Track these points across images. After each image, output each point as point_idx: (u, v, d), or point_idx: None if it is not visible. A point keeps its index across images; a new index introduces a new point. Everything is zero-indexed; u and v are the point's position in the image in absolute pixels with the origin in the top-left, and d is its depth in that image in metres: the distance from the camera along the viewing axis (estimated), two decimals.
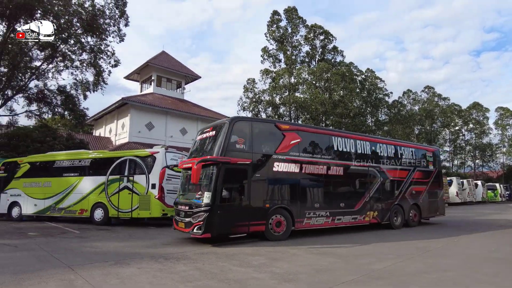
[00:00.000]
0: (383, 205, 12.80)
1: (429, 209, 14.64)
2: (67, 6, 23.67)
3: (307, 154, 11.17)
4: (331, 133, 12.72)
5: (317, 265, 6.53)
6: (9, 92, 24.97)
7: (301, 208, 10.61)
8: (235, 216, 9.43)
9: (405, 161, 14.07)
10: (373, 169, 12.76)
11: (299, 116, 38.49)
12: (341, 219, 11.53)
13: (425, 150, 15.53)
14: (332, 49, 42.34)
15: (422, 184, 14.37)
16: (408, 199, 13.62)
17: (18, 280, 5.20)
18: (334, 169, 11.63)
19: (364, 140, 13.13)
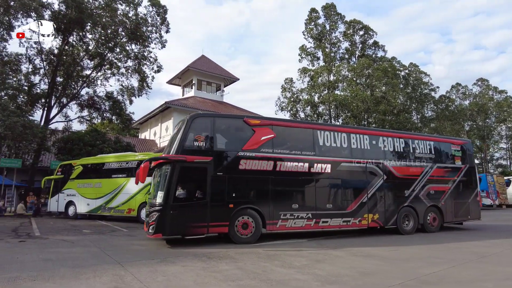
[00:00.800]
0: (388, 207, 11.36)
1: (456, 212, 12.59)
2: (113, 17, 25.10)
3: (284, 150, 10.37)
4: (315, 126, 11.60)
5: (361, 268, 6.31)
6: (64, 100, 27.00)
7: (274, 208, 9.80)
8: (191, 217, 9.02)
9: (420, 156, 12.38)
10: (373, 166, 11.37)
11: (339, 115, 37.60)
12: (327, 221, 10.43)
13: (449, 143, 13.37)
14: (372, 44, 40.90)
15: (444, 183, 12.53)
16: (423, 200, 11.97)
17: (76, 274, 5.59)
18: (319, 166, 10.58)
19: (361, 134, 11.75)
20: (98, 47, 26.60)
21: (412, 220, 11.75)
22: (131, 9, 26.96)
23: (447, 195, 12.45)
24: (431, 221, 12.06)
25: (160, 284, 5.04)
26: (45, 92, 25.38)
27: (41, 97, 25.35)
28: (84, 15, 23.12)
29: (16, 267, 6.17)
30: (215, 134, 9.78)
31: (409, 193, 11.81)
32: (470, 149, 13.98)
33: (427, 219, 12.02)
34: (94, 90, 28.33)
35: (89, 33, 26.30)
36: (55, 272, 5.69)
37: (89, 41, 26.89)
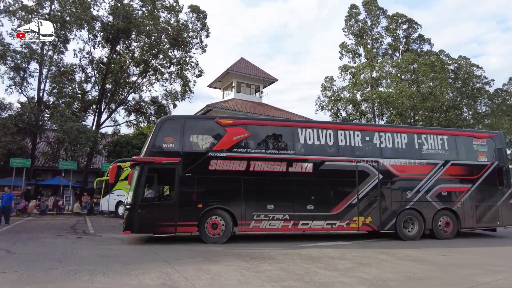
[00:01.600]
0: (384, 209, 10.41)
1: (479, 216, 10.96)
2: (156, 24, 26.26)
3: (259, 149, 10.16)
4: (295, 124, 11.13)
5: (409, 273, 6.02)
6: (113, 106, 28.71)
7: (247, 209, 9.64)
8: (159, 216, 9.25)
9: (428, 153, 11.07)
10: (365, 165, 10.51)
11: (383, 113, 36.21)
12: (308, 224, 9.91)
13: (470, 137, 11.66)
14: (417, 38, 38.91)
15: (462, 183, 11.04)
16: (432, 203, 10.71)
17: (127, 270, 5.91)
18: (299, 166, 10.11)
19: (350, 130, 10.90)
20: (143, 54, 27.96)
21: (417, 225, 10.58)
22: (173, 16, 28.04)
23: (465, 197, 10.94)
24: (443, 226, 10.70)
25: (205, 283, 5.17)
26: (96, 99, 27.17)
27: (93, 103, 27.18)
28: (130, 24, 24.44)
29: (75, 261, 6.66)
30: (185, 136, 9.95)
31: (413, 195, 10.67)
32: (500, 143, 11.95)
33: (438, 224, 10.70)
34: (140, 95, 29.87)
35: (134, 41, 27.77)
36: (109, 267, 6.06)
37: (135, 49, 28.38)
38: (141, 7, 27.13)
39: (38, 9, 23.95)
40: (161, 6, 27.53)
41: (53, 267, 6.09)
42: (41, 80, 24.38)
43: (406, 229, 10.56)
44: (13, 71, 23.51)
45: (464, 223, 10.84)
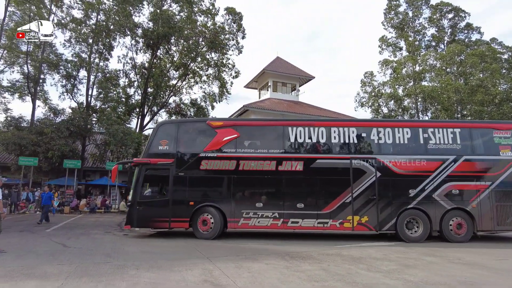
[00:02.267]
0: (382, 208, 9.88)
1: (501, 218, 9.70)
2: (194, 28, 26.98)
3: (248, 149, 10.41)
4: (286, 123, 11.01)
5: (460, 277, 5.65)
6: (155, 108, 29.90)
7: (236, 207, 9.98)
8: (155, 212, 10.05)
9: (436, 148, 10.18)
10: (360, 162, 10.11)
11: (427, 108, 34.42)
12: (298, 222, 9.86)
13: (489, 129, 10.39)
14: (465, 27, 36.51)
15: (478, 180, 9.93)
16: (440, 202, 9.82)
17: (171, 266, 6.13)
18: (289, 164, 10.14)
19: (345, 126, 10.60)
20: (182, 58, 28.84)
21: (421, 226, 9.83)
22: (209, 19, 28.66)
23: (482, 195, 9.82)
24: (454, 228, 9.74)
25: (246, 280, 5.22)
26: (139, 102, 28.45)
27: (136, 106, 28.49)
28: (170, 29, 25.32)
29: (122, 256, 7.03)
30: (179, 138, 10.59)
31: (417, 193, 9.92)
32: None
33: (449, 226, 9.77)
34: (180, 98, 30.88)
35: (173, 46, 28.72)
36: (153, 263, 6.32)
37: (174, 53, 29.34)
38: (179, 12, 28.03)
39: (85, 20, 25.62)
40: (198, 10, 28.25)
41: (103, 261, 6.47)
42: (89, 86, 26.06)
43: (410, 230, 9.91)
44: (65, 79, 25.34)
45: (481, 225, 9.71)
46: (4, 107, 26.63)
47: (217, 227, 9.92)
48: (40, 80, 25.95)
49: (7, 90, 26.06)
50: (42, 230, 11.54)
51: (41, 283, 4.93)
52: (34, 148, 21.24)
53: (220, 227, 9.93)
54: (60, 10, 26.40)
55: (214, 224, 9.97)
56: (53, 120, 24.82)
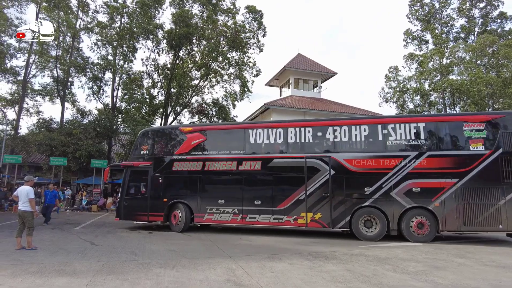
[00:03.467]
0: (336, 206, 9.85)
1: (469, 218, 9.00)
2: (215, 28, 27.15)
3: (213, 151, 11.38)
4: (246, 126, 11.89)
5: (495, 281, 5.36)
6: (178, 108, 30.37)
7: (202, 203, 11.08)
8: (137, 207, 11.67)
9: (396, 144, 9.79)
10: (314, 160, 10.20)
11: (456, 103, 33.07)
12: (255, 218, 10.50)
13: (460, 122, 9.56)
14: (498, 17, 34.70)
15: (443, 177, 9.26)
16: (399, 200, 9.44)
17: (194, 265, 6.18)
18: (248, 164, 10.83)
19: (301, 127, 10.79)
20: (204, 58, 29.11)
21: (380, 224, 9.56)
22: (230, 18, 28.74)
23: (447, 193, 9.19)
24: (415, 227, 9.32)
25: (269, 280, 5.18)
26: (162, 103, 28.97)
27: (160, 107, 29.03)
28: (191, 29, 25.61)
29: (147, 254, 7.16)
30: (156, 144, 12.30)
31: (373, 191, 9.66)
32: (509, 126, 9.31)
33: (410, 225, 9.36)
34: (202, 97, 31.20)
35: (195, 46, 29.03)
36: (177, 262, 6.40)
37: (196, 53, 29.66)
38: (201, 12, 28.29)
39: (111, 24, 26.34)
40: (219, 9, 28.39)
41: (128, 259, 6.62)
42: (114, 87, 26.83)
43: (369, 229, 9.71)
44: (91, 81, 26.18)
45: (444, 225, 9.16)
46: (36, 110, 27.92)
47: (183, 221, 11.16)
48: (68, 83, 26.96)
49: (38, 93, 27.31)
50: (71, 228, 11.98)
51: (71, 279, 5.09)
52: (64, 148, 22.08)
53: (187, 221, 11.17)
54: (86, 15, 27.31)
55: (182, 218, 11.21)
56: (80, 121, 25.73)
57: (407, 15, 35.61)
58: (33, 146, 23.32)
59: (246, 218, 10.60)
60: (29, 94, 27.31)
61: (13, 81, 26.56)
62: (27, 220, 7.60)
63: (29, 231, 7.61)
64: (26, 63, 26.28)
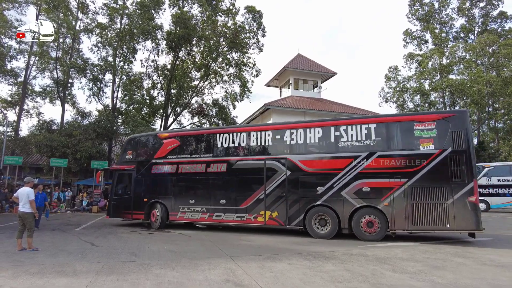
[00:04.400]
0: (291, 204, 10.29)
1: (419, 217, 8.94)
2: (214, 29, 27.19)
3: (185, 155, 12.28)
4: (214, 131, 12.84)
5: (493, 280, 5.38)
6: (178, 109, 30.41)
7: (175, 203, 12.01)
8: (123, 206, 13.01)
9: (347, 145, 9.97)
10: (273, 162, 10.73)
11: (455, 102, 33.09)
12: (221, 216, 11.24)
13: (411, 121, 9.55)
14: (498, 16, 34.80)
15: (393, 177, 9.29)
16: (349, 200, 9.63)
17: (194, 265, 6.21)
18: (215, 166, 11.56)
19: (262, 130, 11.31)
20: (203, 59, 29.15)
21: (331, 222, 9.82)
22: (230, 19, 28.79)
23: (396, 193, 9.20)
24: (364, 226, 9.43)
25: (268, 280, 5.21)
26: (162, 104, 29.02)
27: (160, 108, 29.08)
28: (191, 30, 25.65)
29: (147, 255, 7.19)
30: (139, 149, 13.51)
31: (325, 190, 9.95)
32: (460, 125, 9.12)
33: (360, 224, 9.49)
34: (202, 98, 31.26)
35: (195, 47, 29.07)
36: (177, 262, 6.43)
37: (195, 54, 29.70)
38: (200, 13, 28.33)
39: (111, 25, 26.39)
40: (219, 10, 28.44)
41: (129, 260, 6.65)
42: (114, 89, 26.87)
43: (323, 227, 9.97)
44: (91, 82, 26.22)
45: (394, 224, 9.19)
46: (37, 111, 27.97)
47: (159, 219, 12.16)
48: (68, 85, 27.02)
49: (39, 95, 27.36)
50: (72, 229, 12.02)
51: (71, 280, 5.12)
52: (64, 150, 22.14)
53: (164, 220, 12.12)
54: (86, 16, 27.37)
55: (159, 216, 12.20)
56: (81, 122, 25.78)
57: (407, 15, 35.73)
58: (34, 147, 23.37)
59: (212, 217, 11.36)
60: (29, 96, 27.38)
61: (13, 83, 26.64)
62: (27, 221, 7.64)
63: (29, 233, 7.65)
64: (26, 65, 26.37)
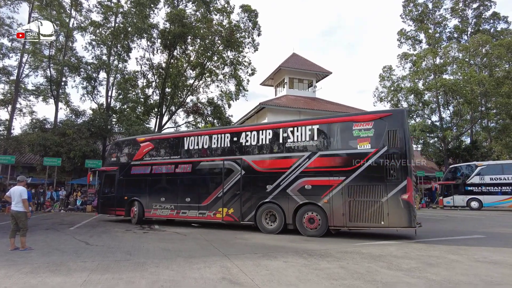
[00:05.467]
0: (244, 202, 11.01)
1: (355, 214, 9.22)
2: (209, 27, 27.12)
3: (158, 157, 13.47)
4: (181, 135, 13.40)
5: (486, 276, 5.44)
6: (173, 108, 30.29)
7: (150, 201, 13.10)
8: (109, 204, 14.48)
9: (293, 145, 10.54)
10: (230, 162, 11.45)
11: (449, 102, 33.35)
12: (186, 212, 12.15)
13: (350, 122, 9.83)
14: (490, 17, 35.16)
15: (332, 175, 9.63)
16: (293, 197, 10.14)
17: (189, 263, 6.19)
18: (182, 167, 12.47)
19: (221, 133, 12.09)
20: (198, 58, 29.06)
21: (278, 219, 10.45)
22: (225, 18, 28.74)
23: (335, 191, 9.53)
24: (306, 222, 9.90)
25: (263, 278, 5.21)
26: (157, 102, 28.89)
27: (154, 107, 28.95)
28: (186, 29, 25.54)
29: (142, 254, 7.15)
30: (122, 152, 14.82)
31: (273, 188, 10.53)
32: (395, 124, 9.28)
33: (302, 220, 9.97)
34: (197, 97, 31.19)
35: (190, 45, 28.96)
36: (172, 261, 6.40)
37: (190, 53, 29.58)
38: (195, 11, 28.22)
39: (105, 23, 26.18)
40: (214, 9, 28.37)
41: (123, 259, 6.61)
42: (108, 87, 26.68)
43: (273, 222, 10.60)
44: (85, 81, 26.01)
45: (332, 221, 9.55)
46: (30, 110, 27.68)
47: (136, 215, 13.38)
48: (62, 83, 26.76)
49: (32, 93, 27.07)
50: (66, 228, 11.92)
51: (65, 279, 5.07)
52: (57, 149, 21.94)
53: (140, 216, 13.30)
54: (79, 14, 27.13)
55: (136, 213, 13.36)
56: (74, 121, 25.57)
57: (401, 15, 35.94)
58: (27, 146, 23.13)
59: (179, 213, 12.30)
60: (22, 94, 27.07)
61: (5, 81, 26.31)
62: (20, 220, 7.56)
63: (22, 232, 7.56)
64: (19, 63, 26.09)
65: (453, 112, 34.57)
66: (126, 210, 13.72)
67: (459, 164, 27.85)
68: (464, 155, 31.93)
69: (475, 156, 31.16)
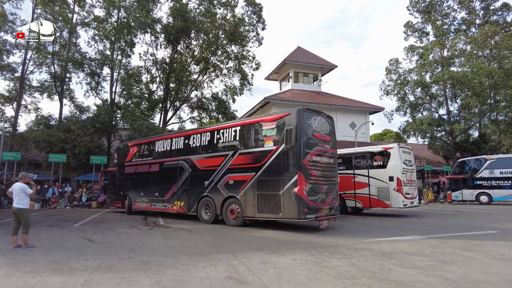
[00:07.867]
0: (190, 196, 12.67)
1: (261, 206, 10.15)
2: (213, 21, 26.78)
3: (139, 158, 15.87)
4: (154, 139, 15.61)
5: (506, 275, 5.18)
6: (177, 103, 30.09)
7: (135, 195, 15.60)
8: (111, 198, 17.59)
9: (223, 146, 11.78)
10: (182, 162, 13.21)
11: (457, 95, 32.77)
12: (155, 205, 14.27)
13: (260, 123, 10.78)
14: (500, 8, 34.38)
15: (246, 171, 10.72)
16: (221, 191, 11.47)
17: (195, 261, 5.99)
18: (153, 167, 14.69)
19: (178, 137, 13.92)
20: (202, 52, 28.76)
21: (211, 210, 11.94)
22: (229, 12, 28.37)
23: (248, 185, 10.60)
24: (229, 213, 11.24)
25: (272, 277, 4.99)
26: (161, 98, 28.70)
27: (159, 102, 28.76)
28: (189, 23, 25.24)
29: (146, 251, 6.97)
30: (120, 155, 17.59)
31: (208, 184, 11.97)
32: (291, 123, 9.90)
33: (227, 211, 11.32)
34: (201, 92, 30.94)
35: (194, 40, 28.67)
36: (177, 259, 6.21)
37: (194, 47, 29.30)
38: (198, 5, 27.89)
39: (107, 18, 25.96)
40: (217, 3, 28.01)
41: (127, 256, 6.43)
42: (112, 83, 26.51)
43: (204, 213, 12.23)
44: (89, 77, 25.87)
45: (246, 212, 10.66)
46: (35, 107, 27.67)
47: (127, 207, 16.10)
48: (66, 79, 26.66)
49: (36, 90, 27.02)
50: (70, 225, 11.82)
51: (66, 279, 4.90)
52: (62, 145, 21.89)
53: (130, 208, 15.90)
54: (82, 9, 26.94)
55: (127, 205, 16.12)
56: (79, 117, 25.49)
57: (408, 7, 35.28)
58: (32, 143, 23.09)
59: (151, 206, 14.49)
60: (27, 91, 27.04)
61: (10, 78, 26.31)
62: (22, 217, 7.43)
63: (25, 229, 7.43)
64: (23, 60, 26.04)
65: (461, 105, 33.98)
66: (122, 203, 16.55)
67: (467, 158, 27.38)
68: (472, 149, 31.41)
69: (483, 149, 30.63)
